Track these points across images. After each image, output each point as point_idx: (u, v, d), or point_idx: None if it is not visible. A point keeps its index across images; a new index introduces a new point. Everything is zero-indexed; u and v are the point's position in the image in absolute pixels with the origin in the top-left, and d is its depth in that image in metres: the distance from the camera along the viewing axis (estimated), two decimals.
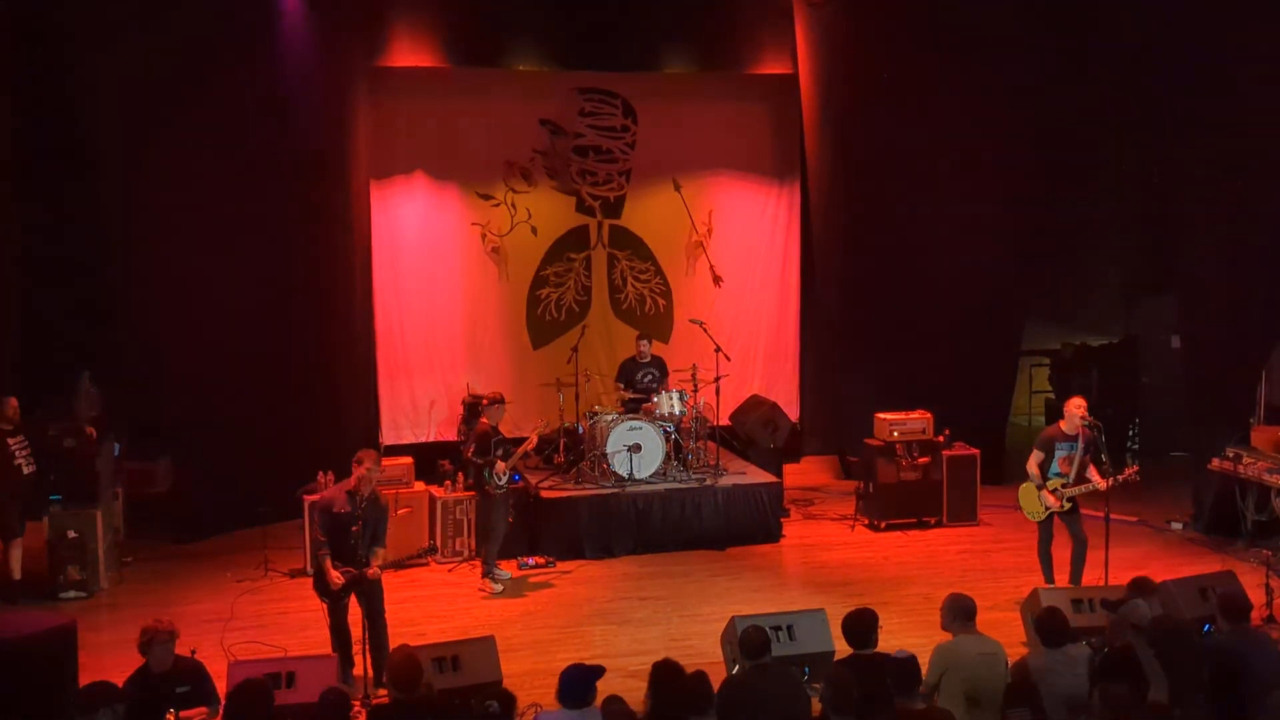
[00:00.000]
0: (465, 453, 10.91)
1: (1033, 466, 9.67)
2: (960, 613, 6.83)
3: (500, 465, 10.22)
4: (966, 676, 6.50)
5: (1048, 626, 6.74)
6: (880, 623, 6.78)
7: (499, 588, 10.38)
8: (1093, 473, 9.51)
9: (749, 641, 6.62)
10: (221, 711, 6.40)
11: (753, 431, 12.80)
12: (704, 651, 8.71)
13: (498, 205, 13.62)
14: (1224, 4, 11.24)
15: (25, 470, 10.19)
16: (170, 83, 11.20)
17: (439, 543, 11.16)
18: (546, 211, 13.78)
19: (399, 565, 8.55)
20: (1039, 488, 9.60)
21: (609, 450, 11.55)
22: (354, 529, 8.12)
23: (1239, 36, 11.08)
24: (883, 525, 12.12)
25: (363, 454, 8.35)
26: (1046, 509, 9.60)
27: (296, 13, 11.96)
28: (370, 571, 8.15)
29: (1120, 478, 9.42)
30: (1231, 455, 11.40)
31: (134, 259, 11.51)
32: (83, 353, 11.83)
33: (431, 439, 13.34)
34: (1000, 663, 6.71)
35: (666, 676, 6.21)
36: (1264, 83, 10.94)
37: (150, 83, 11.13)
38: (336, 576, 8.10)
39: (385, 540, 8.41)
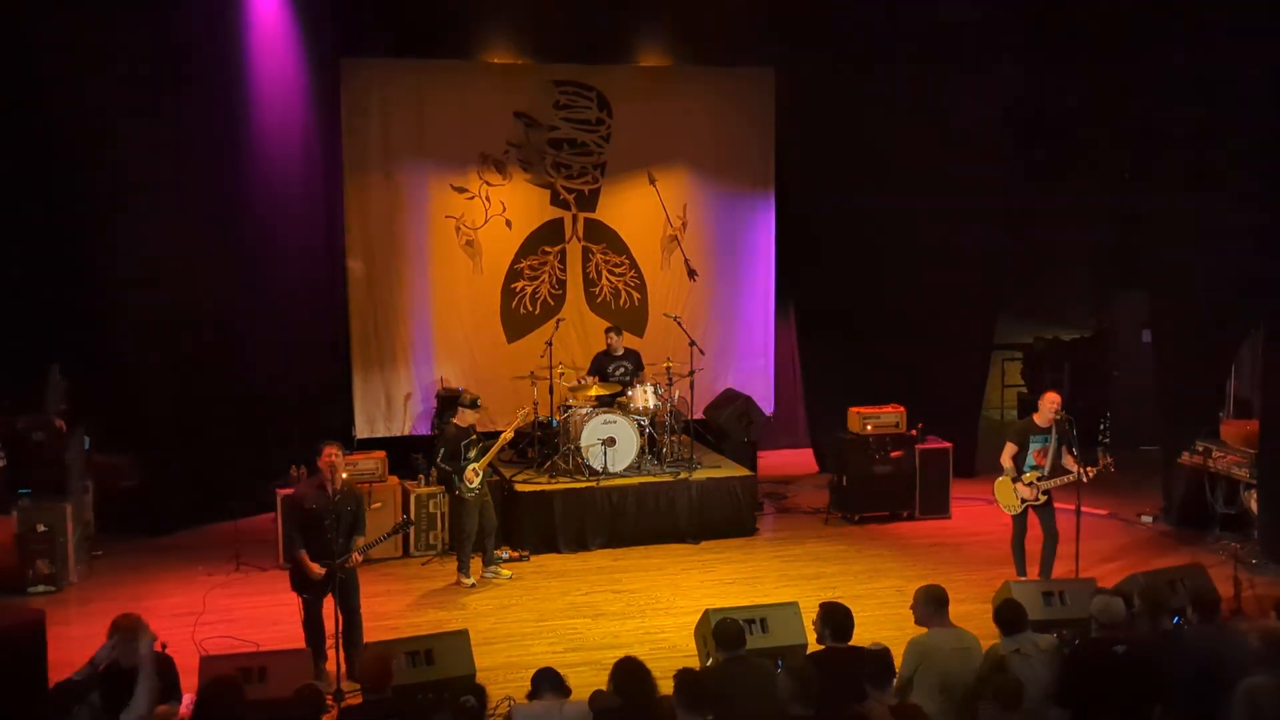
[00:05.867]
0: (435, 456, 10.84)
1: (1006, 459, 9.74)
2: (933, 602, 6.85)
3: (468, 471, 10.19)
4: (941, 672, 6.52)
5: (1006, 615, 6.81)
6: (853, 616, 6.79)
7: (471, 581, 10.37)
8: (1070, 461, 9.58)
9: (724, 633, 6.63)
10: (191, 708, 6.36)
11: (727, 425, 12.82)
12: (677, 645, 8.74)
13: (472, 198, 13.57)
14: (1198, 4, 11.32)
15: None
16: (141, 73, 11.10)
17: (412, 537, 11.14)
18: (521, 204, 13.73)
19: (370, 548, 8.46)
20: (1014, 480, 9.67)
21: (583, 443, 11.55)
22: (327, 523, 8.09)
23: (1211, 35, 11.14)
24: (856, 518, 12.17)
25: (323, 445, 8.30)
26: (1022, 501, 9.67)
27: (270, 3, 11.88)
28: (349, 561, 8.11)
29: (1095, 469, 9.48)
30: (1201, 449, 11.49)
31: (104, 251, 11.41)
32: (52, 345, 11.71)
33: (405, 433, 13.28)
34: (975, 656, 6.73)
35: (631, 675, 6.16)
36: (1236, 81, 11.01)
37: (121, 73, 11.02)
38: (316, 569, 8.06)
39: (365, 529, 8.39)
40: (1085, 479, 9.43)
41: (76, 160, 11.15)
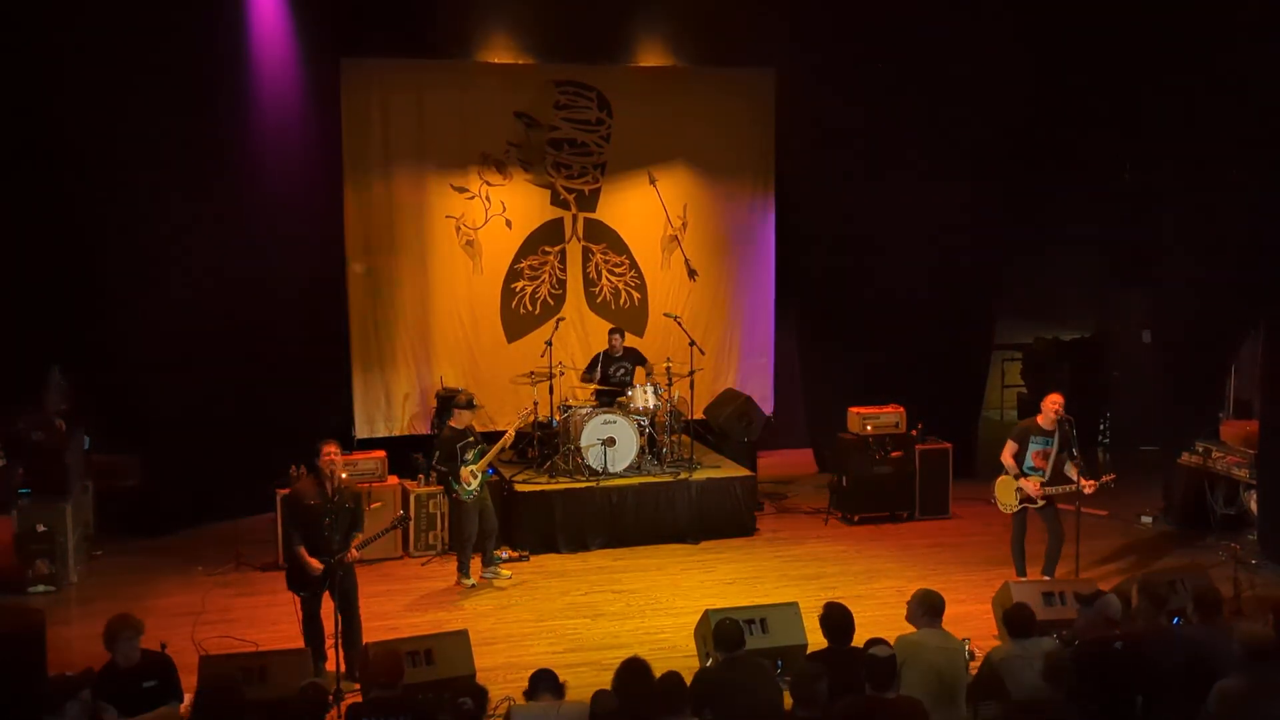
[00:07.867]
0: (433, 459, 10.83)
1: (1007, 457, 9.73)
2: (928, 608, 6.87)
3: (465, 473, 10.19)
4: (926, 668, 6.53)
5: (1015, 619, 6.81)
6: (853, 616, 6.80)
7: (471, 582, 10.37)
8: (1073, 471, 9.56)
9: (723, 634, 6.64)
10: (191, 708, 6.36)
11: (727, 425, 12.82)
12: (677, 645, 8.74)
13: (472, 198, 13.57)
14: (1200, 3, 11.33)
15: None
16: (141, 75, 11.08)
17: (412, 537, 11.15)
18: (521, 204, 13.73)
19: (368, 544, 8.46)
20: (1015, 477, 9.66)
21: (583, 444, 11.55)
22: (326, 521, 8.11)
23: (1213, 36, 11.15)
24: (855, 519, 12.17)
25: (322, 444, 8.31)
26: (1022, 500, 9.66)
27: (270, 3, 11.88)
28: (347, 555, 8.11)
29: (1095, 483, 9.48)
30: (1201, 450, 11.50)
31: (104, 251, 11.41)
32: (52, 345, 11.71)
33: (405, 433, 13.28)
34: (960, 657, 6.78)
35: (633, 675, 6.19)
36: (1236, 81, 11.02)
37: (121, 74, 11.01)
38: (315, 564, 8.07)
39: (363, 526, 8.40)
40: (1085, 493, 9.43)
41: (77, 160, 11.15)
